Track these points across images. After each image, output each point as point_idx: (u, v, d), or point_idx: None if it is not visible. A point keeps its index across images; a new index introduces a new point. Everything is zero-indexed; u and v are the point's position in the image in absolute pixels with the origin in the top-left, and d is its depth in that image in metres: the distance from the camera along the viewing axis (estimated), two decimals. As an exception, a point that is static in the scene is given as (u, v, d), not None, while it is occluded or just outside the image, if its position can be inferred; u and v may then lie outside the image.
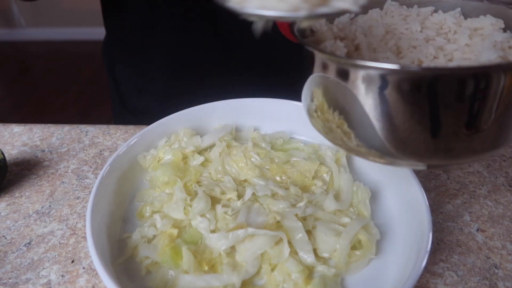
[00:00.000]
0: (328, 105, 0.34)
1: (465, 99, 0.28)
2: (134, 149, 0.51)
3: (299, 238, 0.41)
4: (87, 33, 2.80)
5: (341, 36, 0.37)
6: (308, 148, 0.54)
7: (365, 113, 0.31)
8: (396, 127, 0.30)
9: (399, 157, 0.33)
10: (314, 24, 0.38)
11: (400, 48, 0.35)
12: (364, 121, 0.31)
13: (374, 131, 0.31)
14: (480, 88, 0.28)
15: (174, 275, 0.40)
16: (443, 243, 0.46)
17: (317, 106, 0.35)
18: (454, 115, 0.29)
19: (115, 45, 0.78)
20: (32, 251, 0.45)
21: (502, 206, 0.51)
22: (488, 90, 0.28)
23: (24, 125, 0.66)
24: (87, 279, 0.42)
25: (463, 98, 0.28)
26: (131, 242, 0.43)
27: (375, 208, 0.47)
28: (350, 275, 0.41)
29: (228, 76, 0.71)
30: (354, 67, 0.30)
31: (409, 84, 0.28)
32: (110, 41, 0.79)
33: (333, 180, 0.49)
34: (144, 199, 0.48)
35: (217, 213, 0.44)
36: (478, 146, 0.31)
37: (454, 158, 0.33)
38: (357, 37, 0.36)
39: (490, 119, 0.29)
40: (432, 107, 0.29)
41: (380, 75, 0.29)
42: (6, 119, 2.13)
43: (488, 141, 0.31)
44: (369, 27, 0.37)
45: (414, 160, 0.33)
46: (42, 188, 0.54)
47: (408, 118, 0.30)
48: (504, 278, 0.42)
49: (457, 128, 0.30)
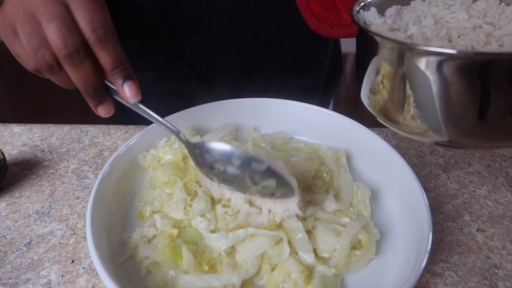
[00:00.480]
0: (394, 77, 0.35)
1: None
2: (134, 149, 0.51)
3: (299, 238, 0.41)
4: (87, 33, 2.79)
5: (395, 27, 0.38)
6: (308, 148, 0.54)
7: (426, 90, 0.33)
8: (451, 105, 0.33)
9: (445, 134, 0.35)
10: (369, 16, 0.40)
11: (450, 36, 0.36)
12: (423, 96, 0.33)
13: (432, 105, 0.33)
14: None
15: (174, 275, 0.40)
16: (443, 243, 0.46)
17: (383, 77, 0.36)
18: (503, 98, 0.31)
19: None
20: (32, 251, 0.45)
21: (502, 206, 0.50)
22: None
23: (24, 125, 0.66)
24: (87, 279, 0.42)
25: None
26: (131, 242, 0.43)
27: (375, 208, 0.47)
28: (350, 275, 0.41)
29: (227, 78, 0.71)
30: (418, 52, 0.32)
31: (464, 67, 0.31)
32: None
33: (333, 180, 0.49)
34: (144, 199, 0.48)
35: (217, 213, 0.44)
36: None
37: (493, 141, 0.35)
38: (410, 28, 0.37)
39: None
40: (484, 90, 0.31)
41: (439, 60, 0.31)
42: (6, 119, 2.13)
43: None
44: (417, 17, 0.39)
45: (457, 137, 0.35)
46: (42, 188, 0.54)
47: (461, 97, 0.32)
48: (504, 278, 0.42)
49: (505, 111, 0.32)
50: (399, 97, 0.35)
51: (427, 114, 0.34)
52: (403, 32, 0.37)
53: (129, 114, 0.80)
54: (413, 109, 0.35)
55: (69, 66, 0.39)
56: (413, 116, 0.35)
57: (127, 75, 0.41)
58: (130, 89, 0.41)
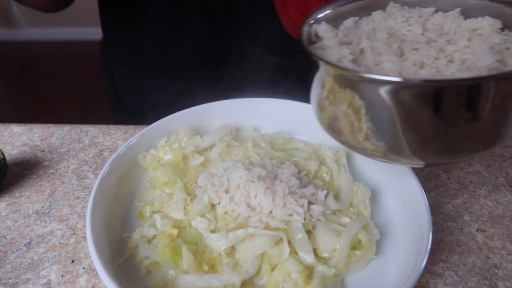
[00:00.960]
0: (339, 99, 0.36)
1: (462, 104, 0.30)
2: (134, 149, 0.51)
3: (299, 238, 0.41)
4: (87, 33, 2.80)
5: (347, 41, 0.38)
6: (308, 148, 0.54)
7: (370, 114, 0.33)
8: (396, 129, 0.32)
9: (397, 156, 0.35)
10: (320, 30, 0.40)
11: (403, 50, 0.36)
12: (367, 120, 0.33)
13: (379, 130, 0.34)
14: (475, 95, 0.30)
15: (174, 275, 0.40)
16: (443, 243, 0.46)
17: (328, 93, 0.36)
18: (452, 119, 0.31)
19: (113, 48, 0.78)
20: (32, 251, 0.45)
21: (502, 206, 0.50)
22: (482, 96, 0.30)
23: (24, 125, 0.66)
24: (87, 279, 0.42)
25: (459, 104, 0.30)
26: (131, 242, 0.43)
27: (375, 208, 0.47)
28: (350, 275, 0.41)
29: (227, 77, 0.71)
30: (358, 78, 0.32)
31: (405, 91, 0.31)
32: (108, 44, 0.78)
33: (333, 180, 0.49)
34: (144, 199, 0.48)
35: (217, 213, 0.44)
36: (478, 144, 0.33)
37: (455, 157, 0.35)
38: (362, 42, 0.37)
39: (485, 120, 0.31)
40: (429, 112, 0.31)
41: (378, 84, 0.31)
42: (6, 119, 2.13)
43: (486, 139, 0.33)
44: (373, 29, 0.38)
45: (414, 159, 0.35)
46: (42, 188, 0.54)
47: (407, 122, 0.32)
48: (504, 278, 0.42)
49: (450, 130, 0.32)
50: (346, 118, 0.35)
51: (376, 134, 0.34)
52: (356, 45, 0.37)
53: (129, 115, 0.81)
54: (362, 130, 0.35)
55: None
56: (366, 136, 0.35)
57: None
58: None
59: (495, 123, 0.32)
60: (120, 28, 0.73)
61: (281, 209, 0.42)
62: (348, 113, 0.34)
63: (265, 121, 0.58)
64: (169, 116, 0.55)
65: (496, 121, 0.32)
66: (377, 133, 0.34)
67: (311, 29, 0.40)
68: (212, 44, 0.70)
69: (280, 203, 0.42)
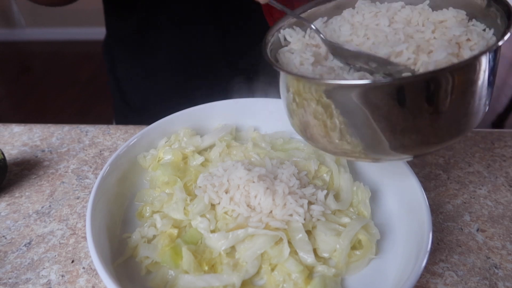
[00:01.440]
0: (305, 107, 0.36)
1: (423, 98, 0.32)
2: (134, 149, 0.51)
3: (299, 238, 0.41)
4: (87, 33, 2.80)
5: (313, 43, 0.40)
6: (308, 148, 0.54)
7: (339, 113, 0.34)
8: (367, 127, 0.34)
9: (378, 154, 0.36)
10: (287, 34, 0.42)
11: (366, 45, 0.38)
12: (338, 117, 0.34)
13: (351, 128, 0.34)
14: (433, 88, 0.31)
15: (174, 275, 0.40)
16: (443, 243, 0.46)
17: (293, 95, 0.37)
18: (415, 112, 0.32)
19: (116, 42, 0.78)
20: (32, 251, 0.45)
21: (502, 206, 0.50)
22: (440, 88, 0.31)
23: (24, 125, 0.66)
24: (87, 279, 0.42)
25: (420, 98, 0.32)
26: (131, 242, 0.43)
27: (375, 208, 0.47)
28: (350, 275, 0.41)
29: (230, 72, 0.72)
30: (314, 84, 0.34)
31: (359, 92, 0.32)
32: (111, 38, 0.79)
33: (333, 180, 0.49)
34: (144, 199, 0.48)
35: (217, 213, 0.44)
36: (445, 134, 0.34)
37: (430, 147, 0.36)
38: (321, 46, 0.39)
39: (448, 110, 0.32)
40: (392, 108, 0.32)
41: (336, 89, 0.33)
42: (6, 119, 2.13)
43: (453, 128, 0.35)
44: (339, 27, 0.40)
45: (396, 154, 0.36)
46: (42, 188, 0.54)
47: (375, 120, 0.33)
48: (504, 278, 0.42)
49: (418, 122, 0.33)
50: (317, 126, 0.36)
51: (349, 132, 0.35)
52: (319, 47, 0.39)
53: (133, 109, 0.81)
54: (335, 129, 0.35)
55: None
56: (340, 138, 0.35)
57: None
58: None
59: (457, 113, 0.33)
60: (123, 23, 0.73)
61: (281, 209, 0.42)
62: (317, 111, 0.35)
63: (265, 121, 0.58)
64: (169, 116, 0.55)
65: (458, 111, 0.33)
66: (350, 131, 0.34)
67: (279, 35, 0.42)
68: (217, 43, 0.70)
69: (280, 203, 0.42)
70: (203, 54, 0.71)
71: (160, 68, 0.74)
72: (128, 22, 0.71)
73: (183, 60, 0.72)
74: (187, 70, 0.73)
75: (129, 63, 0.77)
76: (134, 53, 0.75)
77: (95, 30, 2.41)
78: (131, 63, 0.77)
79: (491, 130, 0.64)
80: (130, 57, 0.76)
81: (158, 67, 0.74)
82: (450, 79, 0.31)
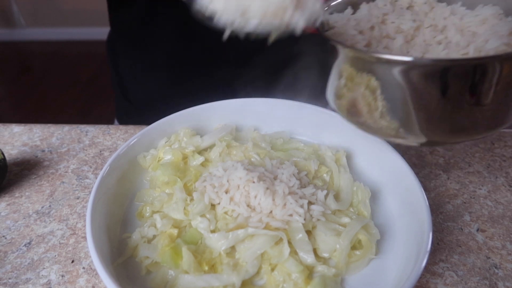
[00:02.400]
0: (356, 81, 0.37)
1: (467, 85, 0.32)
2: (134, 149, 0.51)
3: (299, 238, 0.41)
4: (87, 33, 2.80)
5: (359, 29, 0.41)
6: (308, 148, 0.54)
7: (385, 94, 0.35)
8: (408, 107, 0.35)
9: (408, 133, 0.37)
10: (332, 19, 0.42)
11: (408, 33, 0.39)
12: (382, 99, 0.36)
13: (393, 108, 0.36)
14: (480, 75, 0.31)
15: (174, 275, 0.40)
16: (443, 243, 0.46)
17: (346, 80, 0.38)
18: (458, 98, 0.33)
19: (119, 39, 0.78)
20: (32, 251, 0.45)
21: (502, 206, 0.50)
22: (487, 76, 0.31)
23: (24, 125, 0.66)
24: (87, 279, 0.42)
25: (465, 84, 0.32)
26: (131, 242, 0.43)
27: (375, 208, 0.47)
28: (350, 275, 0.41)
29: (230, 69, 0.72)
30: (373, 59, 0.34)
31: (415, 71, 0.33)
32: (115, 34, 0.79)
33: (333, 180, 0.49)
34: (144, 199, 0.48)
35: (217, 213, 0.44)
36: (481, 124, 0.35)
37: (459, 136, 0.37)
38: (375, 28, 0.40)
39: (490, 101, 0.33)
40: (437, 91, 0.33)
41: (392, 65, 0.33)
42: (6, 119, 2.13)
43: (490, 120, 0.35)
44: (384, 14, 0.41)
45: (421, 137, 0.37)
46: (42, 188, 0.54)
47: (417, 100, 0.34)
48: (504, 278, 0.42)
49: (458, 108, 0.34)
50: (364, 101, 0.37)
51: (394, 114, 0.36)
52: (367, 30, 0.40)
53: (134, 106, 0.81)
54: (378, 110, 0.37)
55: None
56: (381, 114, 0.37)
57: None
58: None
59: (498, 105, 0.33)
60: (127, 20, 0.74)
61: (281, 209, 0.42)
62: (365, 94, 0.36)
63: (265, 121, 0.58)
64: (169, 116, 0.55)
65: (500, 103, 0.33)
66: (391, 111, 0.36)
67: (323, 20, 0.42)
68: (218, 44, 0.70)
69: (280, 203, 0.42)
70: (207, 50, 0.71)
71: (162, 64, 0.74)
72: (132, 15, 0.72)
73: (186, 55, 0.72)
74: (190, 66, 0.73)
75: (132, 58, 0.77)
76: (137, 48, 0.76)
77: (95, 30, 2.41)
78: (134, 58, 0.77)
79: (491, 130, 0.64)
80: (133, 52, 0.77)
81: (160, 62, 0.74)
82: (498, 68, 0.31)
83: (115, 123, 0.88)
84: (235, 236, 0.41)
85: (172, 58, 0.73)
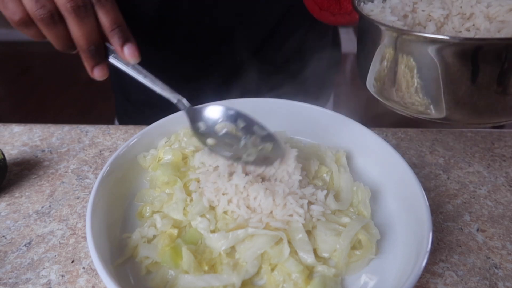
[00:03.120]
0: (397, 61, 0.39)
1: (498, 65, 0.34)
2: (134, 149, 0.51)
3: (299, 238, 0.41)
4: (87, 33, 2.80)
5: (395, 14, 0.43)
6: (308, 148, 0.54)
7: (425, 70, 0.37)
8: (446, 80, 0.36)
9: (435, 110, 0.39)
10: (367, 8, 0.44)
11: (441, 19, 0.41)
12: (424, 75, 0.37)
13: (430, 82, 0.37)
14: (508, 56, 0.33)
15: (174, 275, 0.40)
16: (443, 243, 0.46)
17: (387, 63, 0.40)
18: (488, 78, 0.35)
19: None
20: (32, 251, 0.45)
21: (502, 206, 0.50)
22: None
23: (24, 125, 0.66)
24: (87, 279, 0.42)
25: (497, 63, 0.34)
26: (131, 242, 0.43)
27: (375, 208, 0.47)
28: (350, 275, 0.41)
29: (231, 70, 0.72)
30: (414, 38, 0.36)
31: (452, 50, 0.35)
32: None
33: (333, 180, 0.49)
34: (144, 199, 0.48)
35: (217, 213, 0.44)
36: (504, 108, 0.37)
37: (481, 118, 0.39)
38: (408, 16, 0.42)
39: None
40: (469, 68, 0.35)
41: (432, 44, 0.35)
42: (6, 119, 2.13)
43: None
44: (414, 3, 0.43)
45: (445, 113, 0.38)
46: (42, 188, 0.54)
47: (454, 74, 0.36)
48: (504, 278, 0.42)
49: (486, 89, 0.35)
50: (403, 78, 0.39)
51: (427, 91, 0.38)
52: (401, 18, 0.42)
53: (134, 105, 0.81)
54: (414, 87, 0.39)
55: (75, 19, 0.40)
56: (416, 91, 0.39)
57: (126, 36, 0.43)
58: (129, 50, 0.44)
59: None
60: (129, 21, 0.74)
61: (281, 210, 0.42)
62: (405, 72, 0.38)
63: (265, 121, 0.58)
64: (169, 116, 0.55)
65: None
66: (425, 88, 0.38)
67: (359, 6, 0.44)
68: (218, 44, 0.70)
69: (280, 204, 0.42)
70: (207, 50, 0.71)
71: (162, 64, 0.74)
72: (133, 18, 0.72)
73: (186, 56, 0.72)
74: (190, 67, 0.73)
75: None
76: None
77: (95, 30, 2.40)
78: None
79: (491, 130, 0.64)
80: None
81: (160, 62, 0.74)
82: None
83: (115, 123, 0.88)
84: (235, 236, 0.41)
85: (172, 58, 0.73)
